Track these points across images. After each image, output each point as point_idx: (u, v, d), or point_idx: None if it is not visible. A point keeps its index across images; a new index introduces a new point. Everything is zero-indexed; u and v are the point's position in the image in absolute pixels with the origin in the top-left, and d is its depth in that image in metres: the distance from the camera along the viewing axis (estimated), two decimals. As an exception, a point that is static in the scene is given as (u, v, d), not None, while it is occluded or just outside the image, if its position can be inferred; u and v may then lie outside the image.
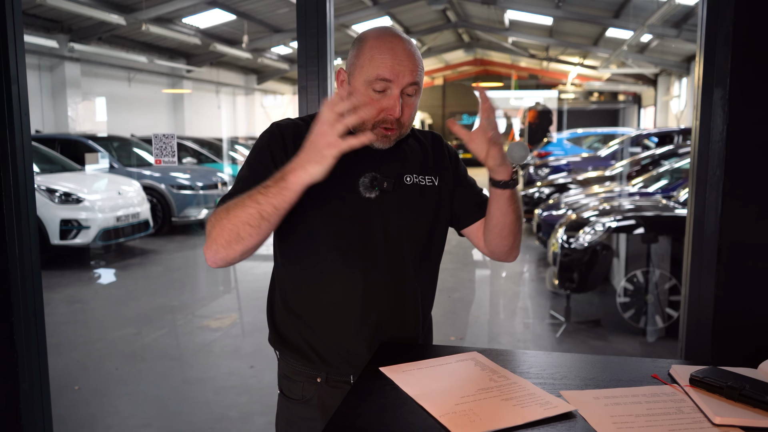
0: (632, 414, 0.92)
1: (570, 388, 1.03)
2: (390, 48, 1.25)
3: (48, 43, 10.41)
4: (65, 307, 5.11)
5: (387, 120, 1.26)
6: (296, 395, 1.35)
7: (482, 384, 1.06)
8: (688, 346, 1.87)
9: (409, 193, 1.34)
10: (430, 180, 1.37)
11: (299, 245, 1.32)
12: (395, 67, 1.23)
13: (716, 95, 1.73)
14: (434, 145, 1.44)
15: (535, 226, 6.66)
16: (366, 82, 1.25)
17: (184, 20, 12.64)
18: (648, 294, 4.34)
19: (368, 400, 1.01)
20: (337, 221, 1.29)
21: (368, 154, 1.32)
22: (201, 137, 11.79)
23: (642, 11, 11.26)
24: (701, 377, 0.99)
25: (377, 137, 1.27)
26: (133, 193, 7.15)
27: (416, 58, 1.27)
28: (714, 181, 1.76)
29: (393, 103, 1.24)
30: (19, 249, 2.29)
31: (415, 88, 1.27)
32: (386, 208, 1.31)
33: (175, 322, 4.83)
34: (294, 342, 1.34)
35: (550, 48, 17.98)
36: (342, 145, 1.11)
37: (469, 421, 0.93)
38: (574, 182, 8.03)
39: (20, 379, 2.34)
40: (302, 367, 1.34)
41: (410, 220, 1.33)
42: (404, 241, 1.32)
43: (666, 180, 6.24)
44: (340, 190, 1.29)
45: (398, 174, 1.34)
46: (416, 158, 1.39)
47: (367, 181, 1.30)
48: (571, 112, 17.85)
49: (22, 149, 2.27)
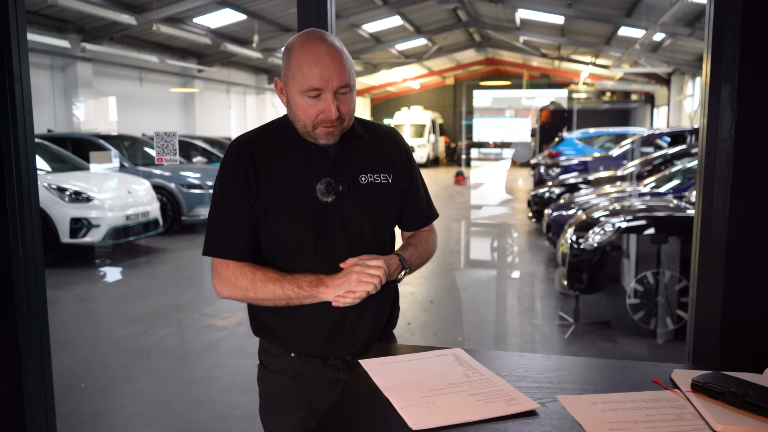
0: (630, 420, 0.89)
1: (568, 392, 1.00)
2: (314, 56, 1.33)
3: (60, 43, 10.49)
4: (73, 305, 5.13)
5: (325, 120, 1.36)
6: (273, 367, 1.50)
7: (454, 379, 1.06)
8: (696, 349, 1.83)
9: (365, 193, 1.43)
10: (385, 177, 1.47)
11: (269, 252, 1.44)
12: (323, 75, 1.32)
13: (724, 92, 1.69)
14: (389, 141, 1.53)
15: (545, 227, 6.61)
16: (300, 91, 1.35)
17: (194, 20, 12.69)
18: (658, 295, 4.28)
19: (357, 403, 0.99)
20: (301, 228, 1.39)
21: (323, 160, 1.42)
22: (211, 137, 11.83)
23: (654, 10, 11.15)
24: (703, 382, 0.96)
25: (321, 135, 1.38)
26: (143, 192, 7.17)
27: (343, 61, 1.34)
28: (722, 180, 1.72)
29: (328, 106, 1.34)
30: (23, 246, 2.29)
31: (347, 88, 1.36)
32: (343, 209, 1.41)
33: (182, 320, 4.84)
34: (271, 330, 1.48)
35: (562, 47, 17.88)
36: (367, 288, 1.31)
37: (429, 414, 0.93)
38: (584, 182, 7.96)
39: (24, 376, 2.34)
40: (279, 347, 1.48)
41: (368, 217, 1.43)
42: (365, 238, 1.42)
43: (678, 180, 6.16)
44: (299, 198, 1.39)
45: (353, 175, 1.43)
46: (370, 158, 1.48)
47: (323, 187, 1.40)
48: (582, 111, 17.72)
49: (25, 147, 2.27)
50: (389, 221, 1.50)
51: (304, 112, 1.37)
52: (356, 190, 1.43)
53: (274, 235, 1.41)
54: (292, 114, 1.40)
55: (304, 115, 1.37)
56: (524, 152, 2.69)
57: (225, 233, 1.41)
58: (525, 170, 18.00)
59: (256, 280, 1.37)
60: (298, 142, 1.42)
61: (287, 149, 1.43)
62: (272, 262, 1.42)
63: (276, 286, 1.36)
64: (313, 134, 1.39)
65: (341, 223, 1.41)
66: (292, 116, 1.41)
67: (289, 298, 1.36)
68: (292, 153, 1.42)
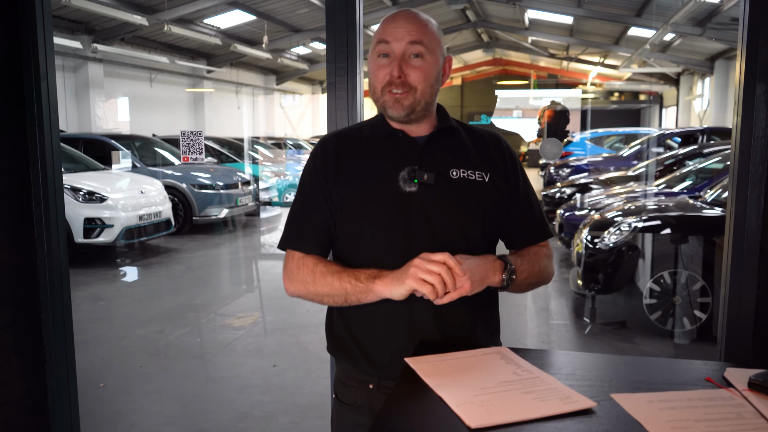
0: (690, 419, 0.88)
1: (621, 391, 0.99)
2: (393, 17, 1.31)
3: (72, 44, 10.55)
4: (89, 305, 5.15)
5: (392, 82, 1.27)
6: (349, 400, 1.36)
7: (504, 377, 1.05)
8: (728, 347, 1.81)
9: (455, 188, 1.29)
10: (480, 175, 1.32)
11: (346, 251, 1.33)
12: (393, 30, 1.28)
13: (759, 90, 1.68)
14: (491, 142, 1.39)
15: (558, 227, 6.58)
16: (373, 51, 1.31)
17: (205, 21, 12.72)
18: (675, 295, 4.26)
19: (410, 402, 0.99)
20: (378, 218, 1.28)
21: (410, 148, 1.31)
22: (221, 137, 11.86)
23: (665, 9, 11.10)
24: (761, 381, 0.95)
25: (389, 103, 1.29)
26: (155, 192, 7.19)
27: (419, 21, 1.29)
28: (756, 179, 1.71)
29: (393, 63, 1.27)
30: (48, 246, 2.30)
31: (419, 49, 1.27)
32: (428, 202, 1.27)
33: (198, 320, 4.85)
34: (348, 349, 1.34)
35: (571, 47, 17.83)
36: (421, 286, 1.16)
37: (485, 412, 0.92)
38: (596, 182, 7.93)
39: (48, 375, 2.35)
40: (356, 372, 1.34)
41: (457, 215, 1.28)
42: (452, 238, 1.27)
43: (691, 180, 6.13)
44: (380, 186, 1.29)
45: (443, 167, 1.30)
46: (465, 152, 1.35)
47: (406, 175, 1.28)
48: (591, 111, 17.68)
49: (51, 147, 2.28)
50: (482, 225, 1.31)
51: (374, 75, 1.30)
52: (445, 183, 1.29)
53: (350, 226, 1.30)
54: (369, 85, 1.34)
55: (374, 77, 1.30)
56: (553, 150, 2.68)
57: (295, 225, 1.34)
58: (533, 170, 17.97)
59: (316, 272, 1.28)
60: (386, 131, 1.34)
61: (374, 139, 1.35)
62: (349, 259, 1.31)
63: (334, 278, 1.26)
64: (382, 102, 1.30)
65: (425, 219, 1.26)
66: (369, 87, 1.34)
67: (345, 292, 1.24)
68: (378, 142, 1.34)
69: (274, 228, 9.18)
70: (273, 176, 10.36)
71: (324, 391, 3.30)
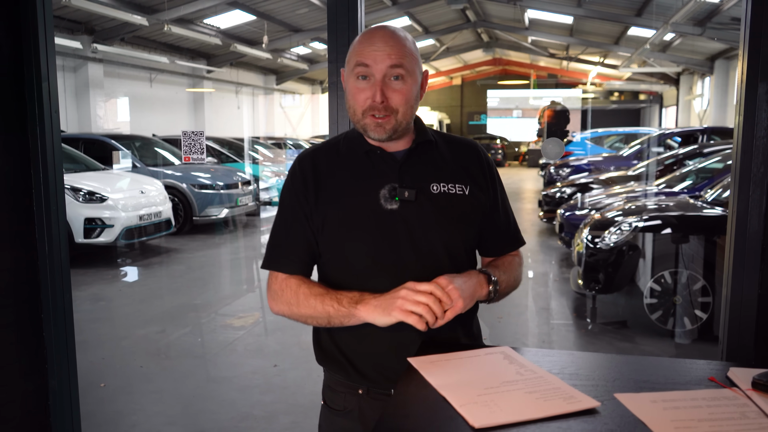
0: (694, 418, 0.88)
1: (624, 390, 0.99)
2: (369, 36, 1.27)
3: (72, 44, 10.55)
4: (89, 305, 5.14)
5: (374, 107, 1.25)
6: (338, 406, 1.36)
7: (508, 377, 1.05)
8: (730, 347, 1.81)
9: (437, 203, 1.29)
10: (460, 188, 1.32)
11: (330, 269, 1.33)
12: (372, 53, 1.24)
13: (761, 89, 1.68)
14: (468, 152, 1.39)
15: (558, 227, 6.58)
16: (351, 72, 1.28)
17: (205, 21, 12.72)
18: (676, 295, 4.26)
19: (413, 402, 0.99)
20: (361, 238, 1.27)
21: (389, 165, 1.30)
22: (221, 137, 11.86)
23: (665, 9, 11.10)
24: (765, 381, 0.95)
25: (370, 126, 1.27)
26: (156, 192, 7.19)
27: (398, 42, 1.25)
28: (758, 178, 1.71)
29: (374, 88, 1.24)
30: (49, 246, 2.29)
31: (400, 72, 1.25)
32: (410, 219, 1.26)
33: (199, 320, 4.84)
34: (335, 359, 1.34)
35: (570, 47, 17.84)
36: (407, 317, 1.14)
37: (489, 412, 0.92)
38: (596, 182, 7.93)
39: (49, 375, 2.35)
40: (343, 379, 1.34)
41: (439, 229, 1.28)
42: (437, 254, 1.28)
43: (691, 180, 6.13)
44: (362, 205, 1.28)
45: (423, 182, 1.30)
46: (445, 166, 1.34)
47: (386, 193, 1.27)
48: (591, 111, 17.69)
49: (52, 147, 2.28)
50: (465, 239, 1.33)
51: (353, 97, 1.28)
52: (426, 199, 1.28)
53: (333, 246, 1.30)
54: (347, 104, 1.31)
55: (353, 100, 1.28)
56: (555, 150, 2.70)
57: (277, 246, 1.34)
58: (533, 170, 17.96)
59: (299, 294, 1.28)
60: (363, 148, 1.32)
61: (352, 156, 1.33)
62: (333, 280, 1.31)
63: (317, 301, 1.25)
64: (363, 124, 1.28)
65: (409, 236, 1.26)
66: (347, 106, 1.32)
67: (328, 315, 1.24)
68: (356, 159, 1.32)
69: (274, 228, 9.17)
70: (273, 176, 10.37)
71: (325, 391, 3.31)
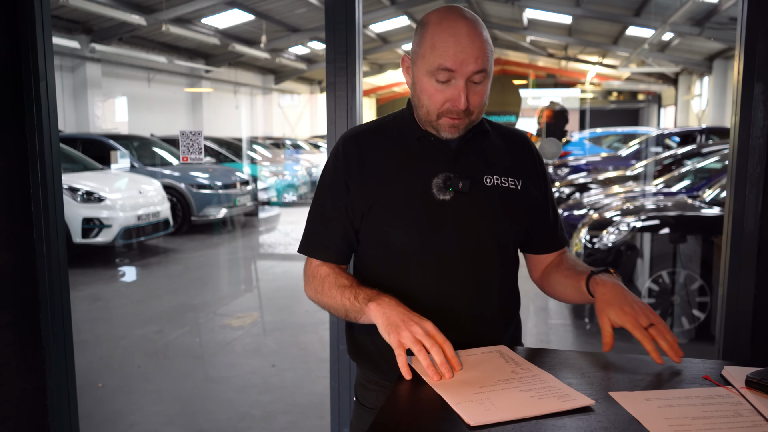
0: (687, 416, 0.89)
1: (618, 389, 1.00)
2: (452, 34, 1.15)
3: (70, 43, 10.53)
4: (88, 305, 5.14)
5: (452, 110, 1.18)
6: (370, 404, 1.33)
7: (504, 375, 1.05)
8: (726, 346, 1.82)
9: (489, 195, 1.24)
10: (513, 182, 1.27)
11: (372, 255, 1.29)
12: (458, 56, 1.14)
13: (757, 90, 1.69)
14: (521, 146, 1.34)
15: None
16: (428, 72, 1.18)
17: (203, 21, 12.71)
18: (674, 295, 4.27)
19: (409, 401, 0.99)
20: (408, 227, 1.22)
21: (443, 153, 1.25)
22: (220, 137, 11.86)
23: (664, 9, 11.11)
24: (758, 379, 0.95)
25: (444, 127, 1.21)
26: (154, 192, 7.19)
27: (482, 42, 1.16)
28: (754, 178, 1.72)
29: (457, 93, 1.16)
30: (47, 246, 2.30)
31: (483, 75, 1.17)
32: (462, 211, 1.22)
33: (197, 320, 4.85)
34: (369, 353, 1.31)
35: (569, 47, 17.84)
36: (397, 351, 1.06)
37: (485, 410, 0.92)
38: (594, 182, 7.94)
39: (47, 375, 2.35)
40: (376, 376, 1.31)
41: (490, 224, 1.24)
42: (485, 248, 1.24)
43: (689, 180, 6.14)
44: (412, 192, 1.22)
45: (477, 174, 1.25)
46: (499, 158, 1.29)
47: (440, 182, 1.22)
48: (589, 111, 17.70)
49: (50, 147, 2.28)
50: (515, 235, 1.29)
51: (430, 98, 1.19)
52: (479, 191, 1.23)
53: (374, 232, 1.25)
54: (416, 98, 1.23)
55: (429, 100, 1.19)
56: (553, 150, 2.73)
57: (314, 232, 1.30)
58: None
59: (326, 283, 1.24)
60: (415, 134, 1.26)
61: (402, 141, 1.26)
62: (376, 270, 1.27)
63: (338, 292, 1.21)
64: (436, 124, 1.21)
65: (458, 228, 1.21)
66: (416, 101, 1.24)
67: (345, 308, 1.20)
68: (408, 145, 1.26)
69: (272, 228, 9.17)
70: (271, 176, 10.37)
71: (323, 391, 3.30)
